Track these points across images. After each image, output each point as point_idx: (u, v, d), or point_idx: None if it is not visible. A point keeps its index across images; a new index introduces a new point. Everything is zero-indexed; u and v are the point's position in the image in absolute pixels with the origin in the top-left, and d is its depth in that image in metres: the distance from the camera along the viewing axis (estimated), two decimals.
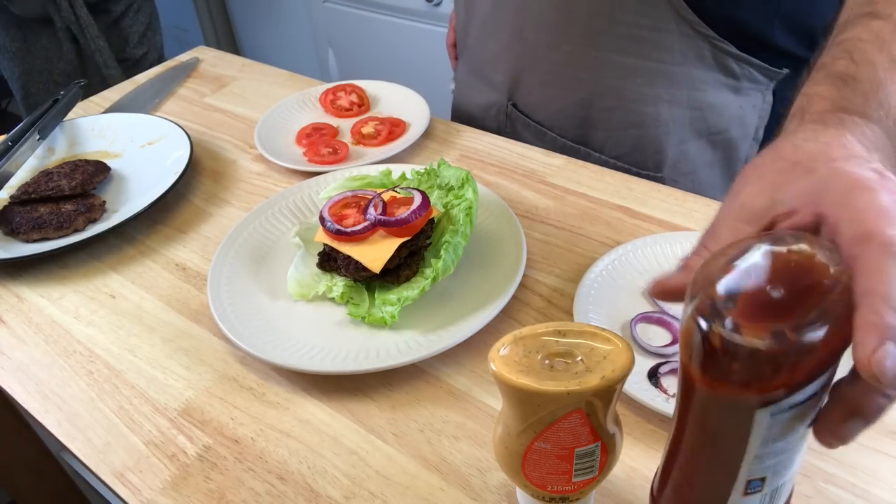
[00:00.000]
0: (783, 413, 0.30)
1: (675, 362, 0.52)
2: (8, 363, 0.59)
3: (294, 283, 0.62)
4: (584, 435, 0.37)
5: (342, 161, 0.80)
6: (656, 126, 0.76)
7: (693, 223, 0.67)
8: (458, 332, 0.55)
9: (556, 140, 0.83)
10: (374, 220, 0.59)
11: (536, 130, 0.85)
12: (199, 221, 0.74)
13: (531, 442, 0.37)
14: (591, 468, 0.39)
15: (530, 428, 0.37)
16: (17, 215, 0.72)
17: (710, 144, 0.78)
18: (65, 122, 0.88)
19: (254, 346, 0.55)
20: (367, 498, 0.47)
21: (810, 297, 0.29)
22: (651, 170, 0.79)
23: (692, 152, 0.78)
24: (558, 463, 0.38)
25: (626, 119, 0.77)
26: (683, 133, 0.77)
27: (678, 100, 0.75)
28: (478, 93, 0.91)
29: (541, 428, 0.36)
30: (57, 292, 0.67)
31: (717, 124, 0.76)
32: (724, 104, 0.75)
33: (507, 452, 0.39)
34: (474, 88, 0.91)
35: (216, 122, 0.92)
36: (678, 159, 0.78)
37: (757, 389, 0.29)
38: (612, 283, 0.60)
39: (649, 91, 0.75)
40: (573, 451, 0.38)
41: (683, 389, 0.33)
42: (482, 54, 0.87)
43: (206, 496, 0.48)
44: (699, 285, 0.30)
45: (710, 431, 0.33)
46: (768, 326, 0.28)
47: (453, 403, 0.52)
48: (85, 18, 1.45)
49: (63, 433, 0.53)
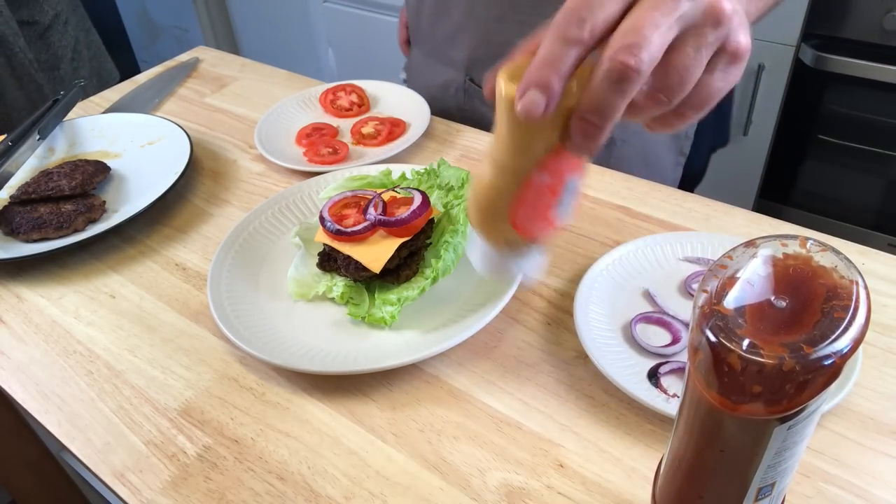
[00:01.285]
0: (799, 423, 0.30)
1: (675, 362, 0.52)
2: (8, 363, 0.59)
3: (294, 284, 0.62)
4: (577, 162, 0.37)
5: (342, 161, 0.80)
6: None
7: (693, 223, 0.67)
8: (458, 332, 0.55)
9: None
10: (374, 220, 0.59)
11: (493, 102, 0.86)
12: (199, 221, 0.74)
13: (530, 174, 0.36)
14: (569, 203, 0.39)
15: (534, 154, 0.35)
16: (17, 215, 0.72)
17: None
18: (65, 122, 0.88)
19: (254, 346, 0.55)
20: (367, 498, 0.47)
21: (814, 303, 0.28)
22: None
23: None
24: (548, 199, 0.37)
25: None
26: None
27: None
28: (434, 73, 0.93)
29: (544, 151, 0.35)
30: (57, 292, 0.67)
31: None
32: None
33: (497, 199, 0.38)
34: (430, 70, 0.94)
35: (216, 122, 0.92)
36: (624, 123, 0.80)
37: (780, 409, 0.29)
38: (612, 283, 0.60)
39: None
40: (564, 181, 0.37)
41: (694, 407, 0.32)
42: (437, 35, 0.90)
43: (206, 496, 0.48)
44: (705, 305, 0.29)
45: (724, 447, 0.32)
46: (782, 341, 0.27)
47: (453, 403, 0.52)
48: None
49: (63, 433, 0.53)
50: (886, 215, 1.49)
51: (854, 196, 1.52)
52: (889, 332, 0.55)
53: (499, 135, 0.37)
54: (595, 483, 0.46)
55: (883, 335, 0.54)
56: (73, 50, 1.40)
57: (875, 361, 0.52)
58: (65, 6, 1.38)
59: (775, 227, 0.65)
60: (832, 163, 1.51)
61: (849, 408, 0.49)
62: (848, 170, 1.50)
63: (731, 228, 0.66)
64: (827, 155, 1.51)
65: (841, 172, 1.51)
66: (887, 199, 1.48)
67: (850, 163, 1.49)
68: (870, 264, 0.61)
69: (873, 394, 0.50)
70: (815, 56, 1.38)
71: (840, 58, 1.36)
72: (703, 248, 0.62)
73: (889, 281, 0.59)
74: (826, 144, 1.49)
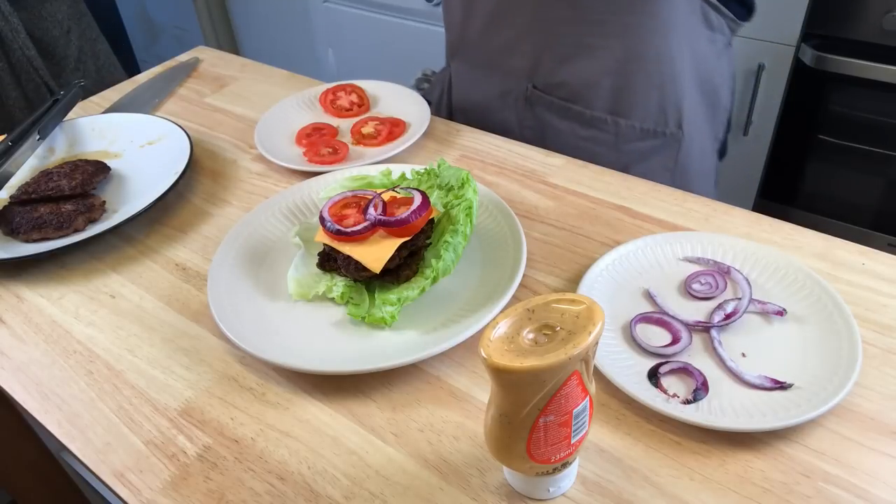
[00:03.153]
0: None
1: (675, 362, 0.52)
2: (8, 363, 0.59)
3: (294, 283, 0.62)
4: (577, 394, 0.39)
5: (342, 161, 0.80)
6: (673, 82, 0.80)
7: (693, 223, 0.67)
8: (458, 332, 0.55)
9: (582, 114, 0.84)
10: (374, 220, 0.59)
11: (560, 107, 0.85)
12: (199, 221, 0.74)
13: (536, 420, 0.38)
14: (583, 424, 0.41)
15: (534, 407, 0.37)
16: (17, 215, 0.72)
17: (702, 95, 0.84)
18: (65, 122, 0.88)
19: (254, 346, 0.55)
20: (367, 498, 0.47)
21: None
22: (673, 127, 0.82)
23: (695, 104, 0.83)
24: (560, 431, 0.39)
25: (649, 81, 0.80)
26: (691, 86, 0.82)
27: (683, 54, 0.79)
28: (487, 84, 0.91)
29: (544, 403, 0.37)
30: (57, 292, 0.67)
31: (706, 74, 0.83)
32: (707, 54, 0.82)
33: (510, 441, 0.40)
34: (481, 81, 0.92)
35: (216, 122, 0.92)
36: (690, 114, 0.83)
37: None
38: (612, 283, 0.60)
39: (664, 49, 0.78)
40: (571, 414, 0.39)
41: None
42: (491, 45, 0.88)
43: (206, 496, 0.48)
44: None
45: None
46: None
47: (453, 403, 0.52)
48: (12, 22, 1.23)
49: (63, 433, 0.53)
50: (886, 215, 1.49)
51: (854, 196, 1.52)
52: (889, 332, 0.55)
53: (495, 391, 0.39)
54: (595, 483, 0.46)
55: (883, 335, 0.54)
56: (76, 60, 1.37)
57: (875, 361, 0.52)
58: (66, 15, 1.35)
59: (775, 228, 0.65)
60: (832, 163, 1.51)
61: (849, 408, 0.49)
62: (848, 170, 1.50)
63: (730, 228, 0.66)
64: (827, 155, 1.51)
65: (841, 172, 1.51)
66: (887, 199, 1.47)
67: (850, 163, 1.49)
68: (870, 264, 0.61)
69: (873, 394, 0.50)
70: (815, 56, 1.38)
71: (840, 58, 1.36)
72: (703, 248, 0.62)
73: (889, 281, 0.59)
74: (826, 144, 1.49)
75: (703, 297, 0.58)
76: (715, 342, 0.54)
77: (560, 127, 0.86)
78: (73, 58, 1.37)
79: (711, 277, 0.60)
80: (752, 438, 0.48)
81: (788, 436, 0.48)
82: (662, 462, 0.47)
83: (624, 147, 0.84)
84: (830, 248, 0.63)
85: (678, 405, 0.49)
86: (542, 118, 0.87)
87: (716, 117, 0.88)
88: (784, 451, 0.47)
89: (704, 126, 0.87)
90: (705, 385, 0.50)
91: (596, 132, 0.84)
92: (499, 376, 0.37)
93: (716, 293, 0.58)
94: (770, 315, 0.56)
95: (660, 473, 0.46)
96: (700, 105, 0.84)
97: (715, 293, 0.58)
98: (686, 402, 0.49)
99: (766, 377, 0.50)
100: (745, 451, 0.47)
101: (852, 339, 0.51)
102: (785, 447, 0.47)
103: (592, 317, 0.37)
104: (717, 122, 0.89)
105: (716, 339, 0.54)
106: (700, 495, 0.45)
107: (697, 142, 0.85)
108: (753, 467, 0.46)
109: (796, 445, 0.47)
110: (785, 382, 0.50)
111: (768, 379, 0.50)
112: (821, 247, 0.63)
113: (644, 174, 0.75)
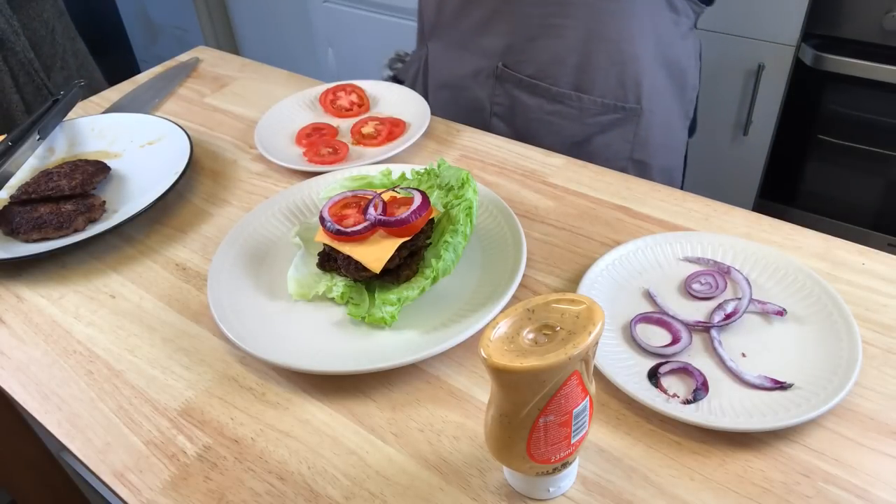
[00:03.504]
0: None
1: (676, 362, 0.52)
2: (8, 363, 0.59)
3: (294, 283, 0.62)
4: (577, 394, 0.39)
5: (342, 161, 0.80)
6: (634, 61, 0.85)
7: (693, 223, 0.67)
8: (458, 332, 0.55)
9: (549, 90, 0.88)
10: (374, 220, 0.59)
11: (528, 84, 0.89)
12: (199, 221, 0.74)
13: (536, 420, 0.38)
14: (583, 424, 0.41)
15: (534, 407, 0.38)
16: (17, 215, 0.72)
17: (668, 75, 0.88)
18: (65, 122, 0.88)
19: (254, 346, 0.55)
20: (367, 498, 0.47)
21: None
22: (633, 103, 0.87)
23: (659, 83, 0.88)
24: (560, 431, 0.40)
25: (610, 58, 0.84)
26: (653, 65, 0.87)
27: (645, 35, 0.84)
28: (461, 64, 0.95)
29: (544, 403, 0.37)
30: (57, 292, 0.67)
31: (672, 55, 0.88)
32: (673, 37, 0.87)
33: (510, 441, 0.40)
34: (456, 61, 0.96)
35: (216, 122, 0.92)
36: (651, 91, 0.87)
37: None
38: (612, 283, 0.60)
39: (625, 30, 0.83)
40: (571, 414, 0.39)
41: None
42: (464, 25, 0.92)
43: (206, 496, 0.48)
44: None
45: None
46: None
47: (453, 403, 0.52)
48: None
49: (63, 433, 0.53)
50: (886, 215, 1.49)
51: (854, 196, 1.52)
52: (889, 332, 0.55)
53: (495, 391, 0.39)
54: (595, 483, 0.46)
55: (883, 335, 0.54)
56: (61, 59, 1.36)
57: (875, 361, 0.52)
58: (51, 14, 1.34)
59: (775, 227, 0.65)
60: (832, 163, 1.51)
61: (849, 408, 0.49)
62: (848, 170, 1.50)
63: (730, 228, 0.66)
64: (827, 155, 1.51)
65: (841, 172, 1.51)
66: (887, 199, 1.47)
67: (850, 163, 1.49)
68: (870, 264, 0.61)
69: (873, 394, 0.50)
70: (814, 56, 1.38)
71: (840, 58, 1.36)
72: (703, 248, 0.62)
73: (889, 281, 0.59)
74: (826, 144, 1.49)
75: (703, 297, 0.58)
76: (715, 342, 0.54)
77: (528, 103, 0.90)
78: (59, 56, 1.36)
79: (711, 277, 0.60)
80: (751, 438, 0.48)
81: (788, 436, 0.48)
82: (662, 462, 0.47)
83: (587, 120, 0.89)
84: (830, 248, 0.63)
85: (678, 405, 0.49)
86: (512, 94, 0.91)
87: (684, 95, 0.92)
88: (784, 451, 0.47)
89: (672, 103, 0.91)
90: (705, 385, 0.50)
91: (561, 107, 0.88)
92: (499, 376, 0.37)
93: (716, 293, 0.58)
94: (770, 315, 0.56)
95: (660, 473, 0.46)
96: (666, 83, 0.89)
97: (715, 293, 0.58)
98: (686, 402, 0.49)
99: (765, 377, 0.51)
100: (745, 451, 0.47)
101: (852, 339, 0.51)
102: (785, 447, 0.47)
103: (592, 317, 0.37)
104: (686, 99, 0.94)
105: (716, 339, 0.54)
106: (700, 495, 0.45)
107: (660, 116, 0.89)
108: (753, 467, 0.46)
109: (796, 445, 0.47)
110: (785, 382, 0.50)
111: (768, 379, 0.50)
112: (821, 247, 0.63)
113: (605, 144, 0.81)
